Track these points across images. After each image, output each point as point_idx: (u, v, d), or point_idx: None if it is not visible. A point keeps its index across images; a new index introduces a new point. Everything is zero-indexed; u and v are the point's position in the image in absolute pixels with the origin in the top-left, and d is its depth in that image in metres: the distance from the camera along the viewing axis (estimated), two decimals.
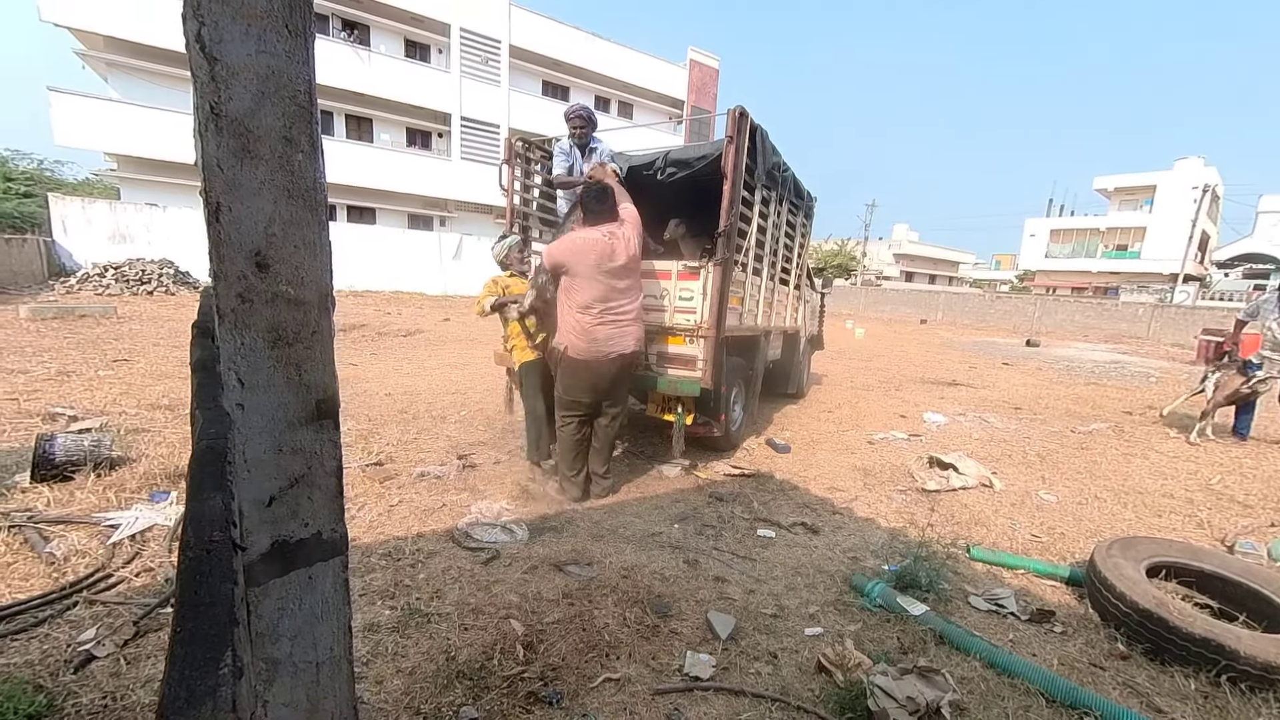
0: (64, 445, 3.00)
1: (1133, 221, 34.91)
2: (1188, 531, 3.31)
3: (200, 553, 0.42)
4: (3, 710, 1.46)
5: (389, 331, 10.07)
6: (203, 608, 0.39)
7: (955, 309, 25.94)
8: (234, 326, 0.63)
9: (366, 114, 19.81)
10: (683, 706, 1.74)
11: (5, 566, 2.20)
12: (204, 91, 0.58)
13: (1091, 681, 1.96)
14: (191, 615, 0.38)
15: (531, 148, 4.72)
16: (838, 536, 3.05)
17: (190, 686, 0.33)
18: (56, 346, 6.57)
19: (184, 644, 0.36)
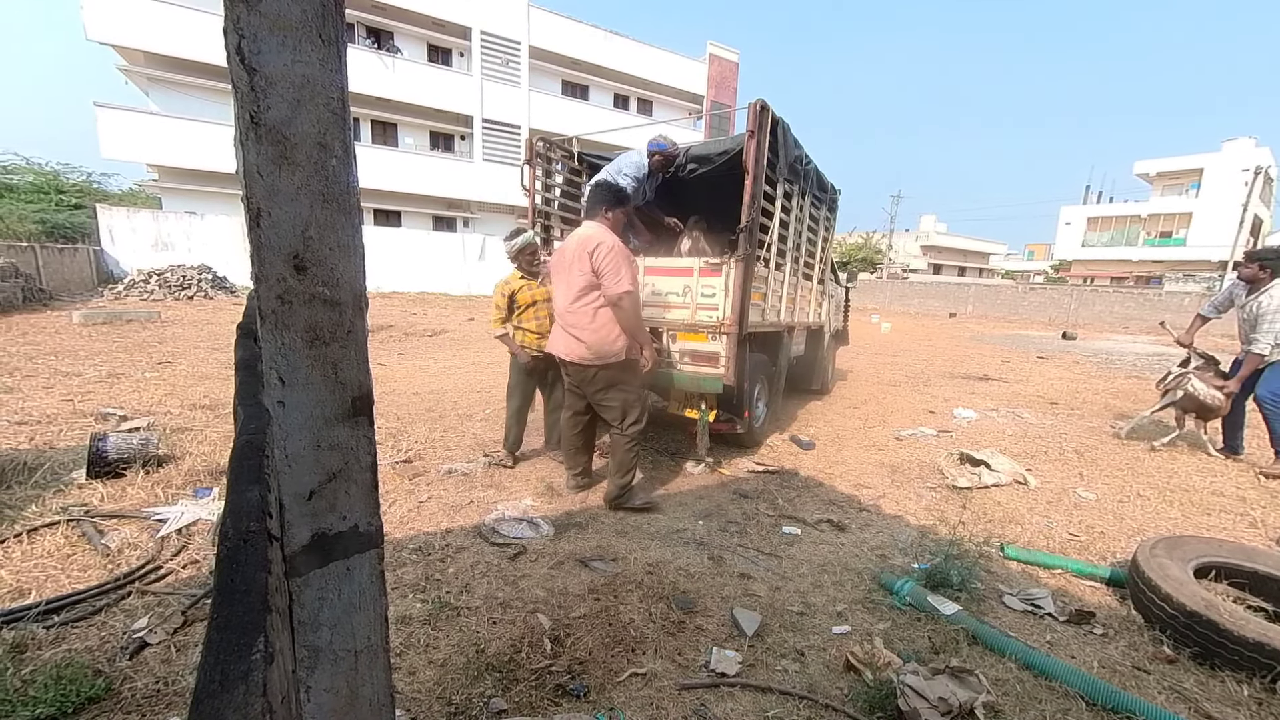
0: (115, 444, 3.15)
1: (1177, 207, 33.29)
2: (1239, 531, 3.16)
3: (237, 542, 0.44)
4: (66, 692, 1.55)
5: (415, 332, 10.29)
6: (238, 595, 0.41)
7: (986, 301, 25.18)
8: (274, 327, 0.66)
9: (391, 119, 20.25)
10: (709, 702, 1.74)
11: (65, 558, 2.33)
12: (244, 101, 0.61)
13: (1135, 685, 1.89)
14: (227, 602, 0.40)
15: (552, 147, 4.75)
16: (865, 534, 3.00)
17: (224, 670, 0.35)
18: (106, 350, 6.91)
19: (219, 629, 0.38)
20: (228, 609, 0.38)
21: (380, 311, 12.96)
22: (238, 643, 0.35)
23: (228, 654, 0.34)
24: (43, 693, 1.54)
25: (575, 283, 2.95)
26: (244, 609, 0.38)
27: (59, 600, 2.01)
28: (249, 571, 0.41)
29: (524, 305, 3.71)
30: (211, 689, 0.32)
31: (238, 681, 0.33)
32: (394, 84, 19.12)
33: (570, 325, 3.03)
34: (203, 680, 0.33)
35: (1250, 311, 4.06)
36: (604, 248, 2.87)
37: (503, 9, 20.52)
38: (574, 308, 2.98)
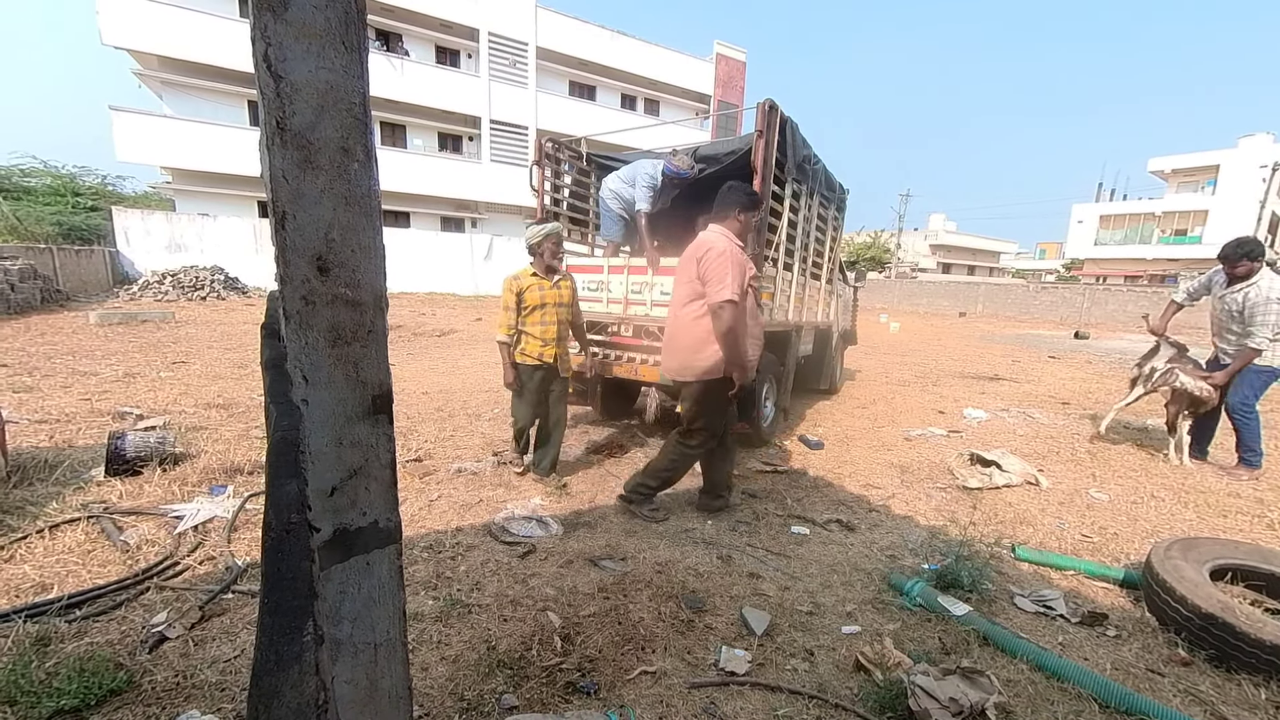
0: (133, 442, 3.21)
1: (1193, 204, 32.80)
2: (1257, 533, 3.11)
3: (281, 533, 0.46)
4: (89, 684, 1.59)
5: (424, 332, 10.37)
6: (285, 582, 0.42)
7: (996, 301, 24.94)
8: (298, 327, 0.67)
9: (400, 121, 20.40)
10: (718, 700, 1.75)
11: (86, 554, 2.38)
12: (270, 107, 0.62)
13: (1149, 688, 1.87)
14: (276, 589, 0.41)
15: (561, 148, 4.78)
16: (874, 534, 2.99)
17: (278, 652, 0.37)
18: (122, 350, 7.02)
19: (271, 614, 0.39)
20: (276, 595, 0.39)
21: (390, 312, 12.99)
22: (289, 626, 0.36)
23: (280, 636, 0.36)
24: (66, 684, 1.58)
25: (681, 291, 2.80)
26: (291, 594, 0.39)
27: (81, 595, 2.06)
28: (293, 560, 0.42)
29: (531, 306, 3.28)
30: (268, 667, 0.34)
31: (291, 662, 0.34)
32: (403, 86, 19.27)
33: (668, 335, 2.89)
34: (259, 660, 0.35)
35: (1233, 304, 3.77)
36: (714, 252, 2.62)
37: (510, 10, 20.60)
38: (678, 315, 2.82)
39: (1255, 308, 3.65)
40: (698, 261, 2.67)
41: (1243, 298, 3.70)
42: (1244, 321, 3.73)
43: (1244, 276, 3.71)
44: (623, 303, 4.11)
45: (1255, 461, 3.91)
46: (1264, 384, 3.81)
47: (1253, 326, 3.69)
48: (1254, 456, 3.89)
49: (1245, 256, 3.66)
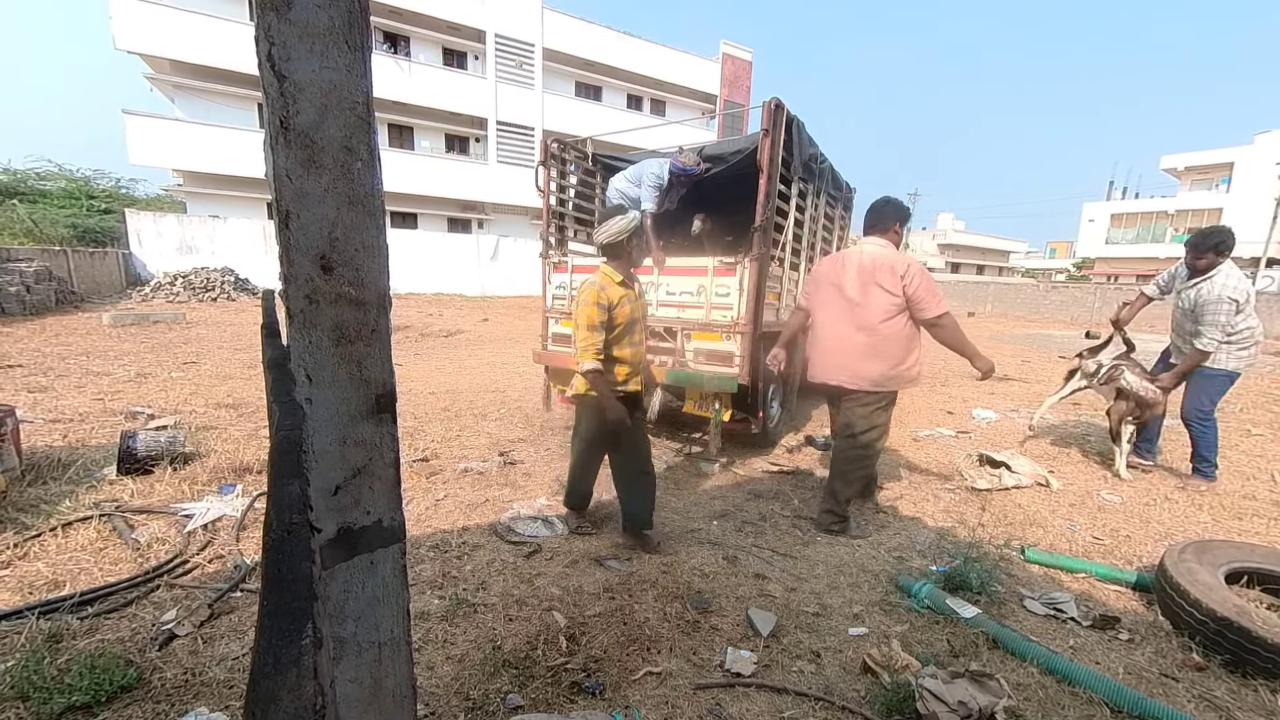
0: (144, 441, 3.25)
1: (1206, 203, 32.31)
2: (1273, 536, 3.06)
3: (281, 534, 0.46)
4: (100, 681, 1.61)
5: (431, 332, 10.42)
6: (285, 584, 0.42)
7: (1006, 300, 24.71)
8: (302, 326, 0.68)
9: (408, 122, 20.51)
10: (724, 702, 1.74)
11: (98, 552, 2.40)
12: (274, 107, 0.62)
13: (1163, 693, 1.85)
14: (276, 591, 0.41)
15: (567, 149, 4.78)
16: (882, 535, 2.97)
17: (277, 654, 0.36)
18: (134, 351, 7.11)
19: (270, 616, 0.39)
20: (276, 597, 0.39)
21: (397, 312, 13.14)
22: (288, 628, 0.36)
23: (279, 639, 0.36)
24: (77, 681, 1.60)
25: (882, 303, 2.74)
26: (291, 596, 0.39)
27: (92, 592, 2.08)
28: (294, 561, 0.42)
29: (621, 323, 2.52)
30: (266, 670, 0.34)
31: (290, 665, 0.34)
32: (410, 88, 19.37)
33: (870, 348, 2.79)
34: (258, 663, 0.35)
35: (1189, 300, 3.41)
36: (914, 269, 2.73)
37: (517, 11, 20.66)
38: (883, 325, 2.76)
39: (1206, 305, 3.26)
40: (901, 277, 2.72)
41: (1195, 293, 3.33)
42: (1195, 319, 3.36)
43: (1204, 270, 3.31)
44: None
45: (1209, 473, 3.61)
46: (1220, 389, 3.46)
47: (1201, 325, 3.30)
48: (1208, 468, 3.60)
49: (1211, 249, 3.26)
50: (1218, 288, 3.22)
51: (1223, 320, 3.20)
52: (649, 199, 4.08)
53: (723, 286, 3.71)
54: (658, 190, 4.07)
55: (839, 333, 2.88)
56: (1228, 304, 3.17)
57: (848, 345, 2.85)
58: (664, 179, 4.06)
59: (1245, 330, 3.26)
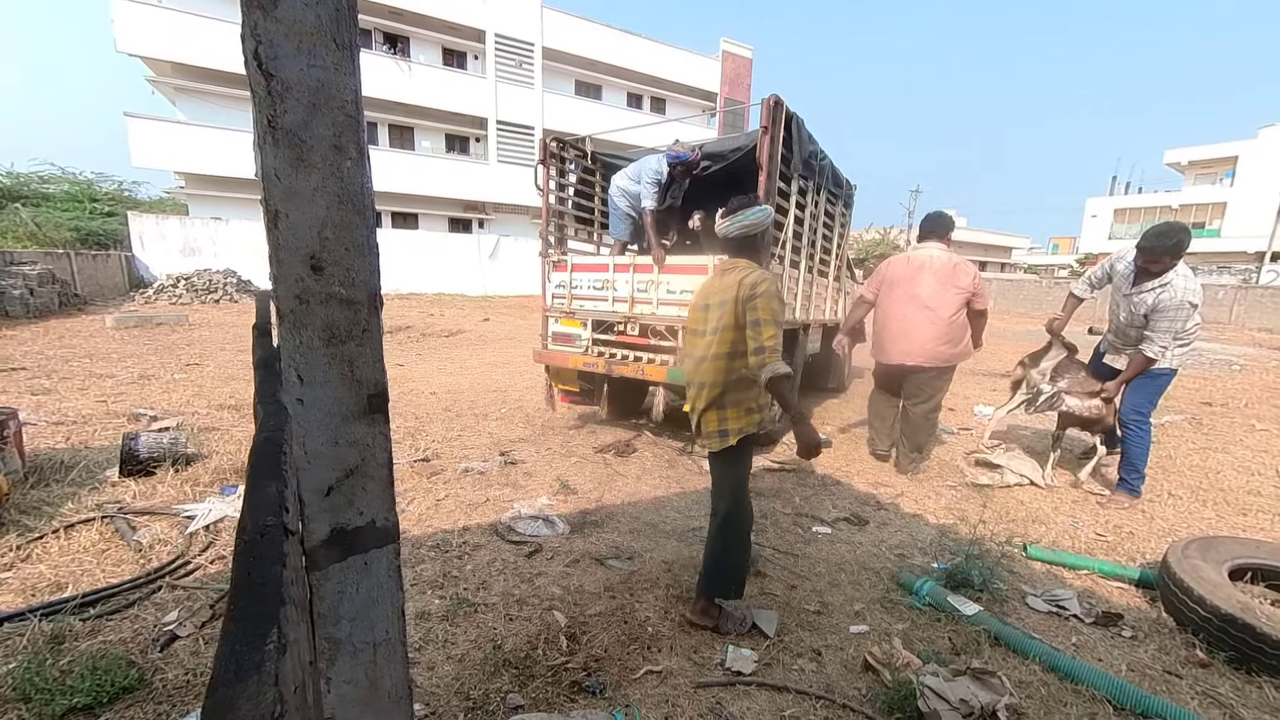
0: (146, 443, 3.26)
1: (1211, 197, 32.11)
2: (1278, 532, 3.04)
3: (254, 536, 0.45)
4: (101, 682, 1.61)
5: (432, 332, 10.43)
6: (254, 588, 0.41)
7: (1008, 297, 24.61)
8: (293, 326, 0.67)
9: (408, 123, 20.52)
10: (725, 700, 1.73)
11: (100, 553, 2.41)
12: (261, 106, 0.62)
13: (1166, 690, 1.84)
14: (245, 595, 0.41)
15: (566, 147, 4.78)
16: (883, 533, 2.96)
17: (238, 661, 0.36)
18: (138, 352, 7.13)
19: (236, 621, 0.39)
20: (244, 601, 0.39)
21: (399, 313, 13.16)
22: (252, 634, 0.36)
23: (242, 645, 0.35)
24: (80, 682, 1.60)
25: (956, 298, 3.56)
26: (259, 601, 0.38)
27: (94, 594, 2.09)
28: (265, 565, 0.42)
29: None
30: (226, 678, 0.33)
31: (251, 672, 0.33)
32: (410, 88, 19.38)
33: (945, 334, 3.58)
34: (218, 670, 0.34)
35: (1141, 305, 3.14)
36: (974, 270, 3.65)
37: (516, 11, 20.64)
38: (955, 317, 3.58)
39: (1165, 312, 3.02)
40: (968, 275, 3.60)
41: (1154, 299, 3.05)
42: (1147, 325, 3.12)
43: (1158, 274, 3.06)
44: (629, 301, 4.10)
45: (1135, 487, 3.32)
46: (1160, 389, 3.27)
47: (1154, 331, 3.07)
48: (1136, 480, 3.32)
49: (1168, 251, 2.98)
50: (1179, 293, 2.98)
51: (1176, 328, 3.03)
52: (649, 196, 4.07)
53: None
54: (657, 186, 4.06)
55: (915, 323, 3.62)
56: (1188, 309, 2.98)
57: (924, 333, 3.60)
58: (663, 174, 4.05)
59: (1193, 328, 3.09)
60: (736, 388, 2.07)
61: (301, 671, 0.46)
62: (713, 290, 2.17)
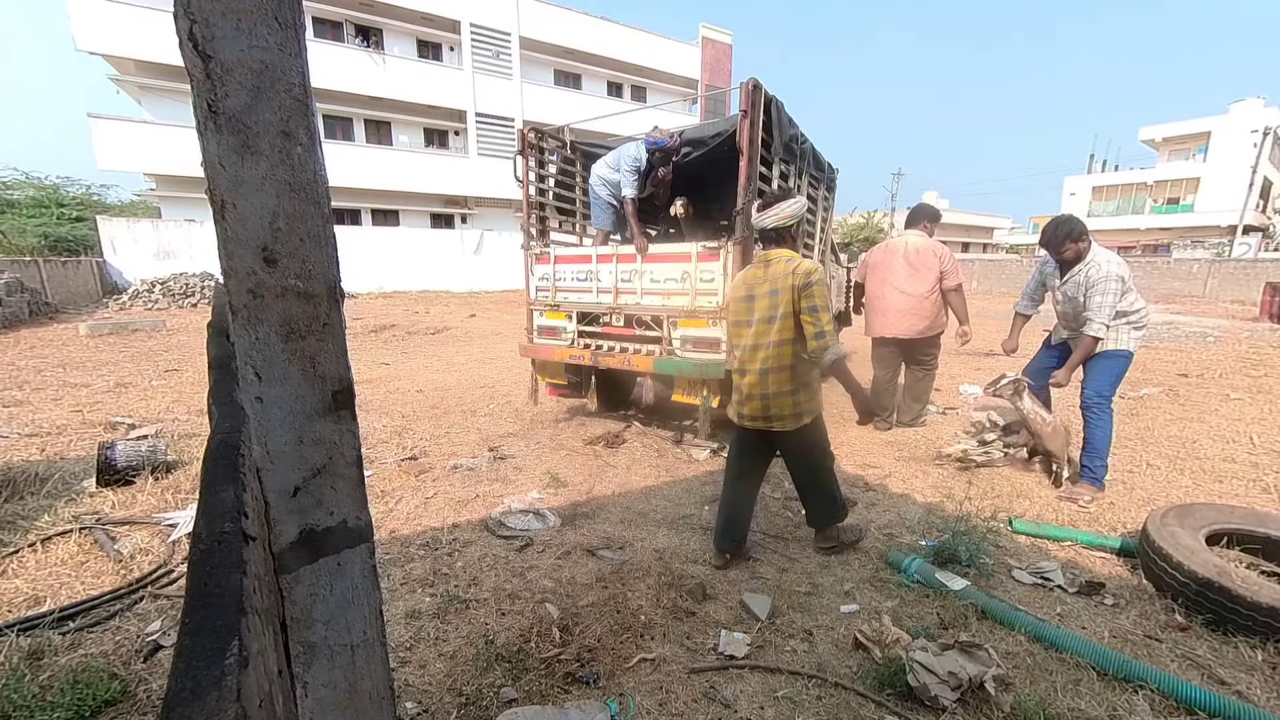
0: (124, 451, 3.18)
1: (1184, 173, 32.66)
2: (1252, 497, 3.12)
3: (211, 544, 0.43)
4: (83, 696, 1.58)
5: (418, 330, 10.30)
6: (211, 599, 0.39)
7: (991, 277, 24.92)
8: (247, 322, 0.64)
9: (385, 117, 20.12)
10: (719, 684, 1.74)
11: (79, 565, 2.36)
12: (200, 90, 0.59)
13: (1147, 654, 1.88)
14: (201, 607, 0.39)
15: (544, 137, 4.71)
16: (871, 513, 2.99)
17: (196, 677, 0.34)
18: (113, 360, 6.96)
19: (192, 635, 0.36)
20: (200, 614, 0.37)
21: (383, 311, 12.99)
22: (211, 648, 0.34)
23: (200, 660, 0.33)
24: (60, 697, 1.57)
25: (927, 279, 4.17)
26: (217, 613, 0.36)
27: (74, 607, 2.04)
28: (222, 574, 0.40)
29: None
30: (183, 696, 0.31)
31: (210, 688, 0.32)
32: (385, 82, 18.97)
33: (917, 310, 4.22)
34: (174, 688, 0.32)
35: (1074, 289, 3.17)
36: (947, 251, 4.24)
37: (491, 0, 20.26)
38: (928, 295, 4.19)
39: (1095, 286, 3.05)
40: (939, 259, 4.18)
41: (1084, 278, 3.10)
42: (1084, 306, 3.13)
43: (1074, 260, 3.13)
44: (613, 292, 4.07)
45: (1099, 477, 3.20)
46: (1120, 371, 3.18)
47: (1090, 311, 3.06)
48: (1100, 468, 3.20)
49: (1067, 238, 3.10)
50: (1103, 267, 3.03)
51: (1110, 301, 3.01)
52: (629, 184, 4.03)
53: (707, 272, 3.68)
54: (636, 174, 4.02)
55: (892, 301, 4.28)
56: (1115, 282, 3.00)
57: (900, 309, 4.25)
58: (642, 161, 4.01)
59: (1141, 309, 3.11)
60: (802, 370, 2.30)
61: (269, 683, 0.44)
62: (756, 280, 2.34)
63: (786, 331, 2.25)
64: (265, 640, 0.47)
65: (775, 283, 2.26)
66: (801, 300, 2.19)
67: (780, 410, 2.32)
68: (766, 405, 2.34)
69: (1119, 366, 3.17)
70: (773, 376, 2.30)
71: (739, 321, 2.41)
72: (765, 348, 2.29)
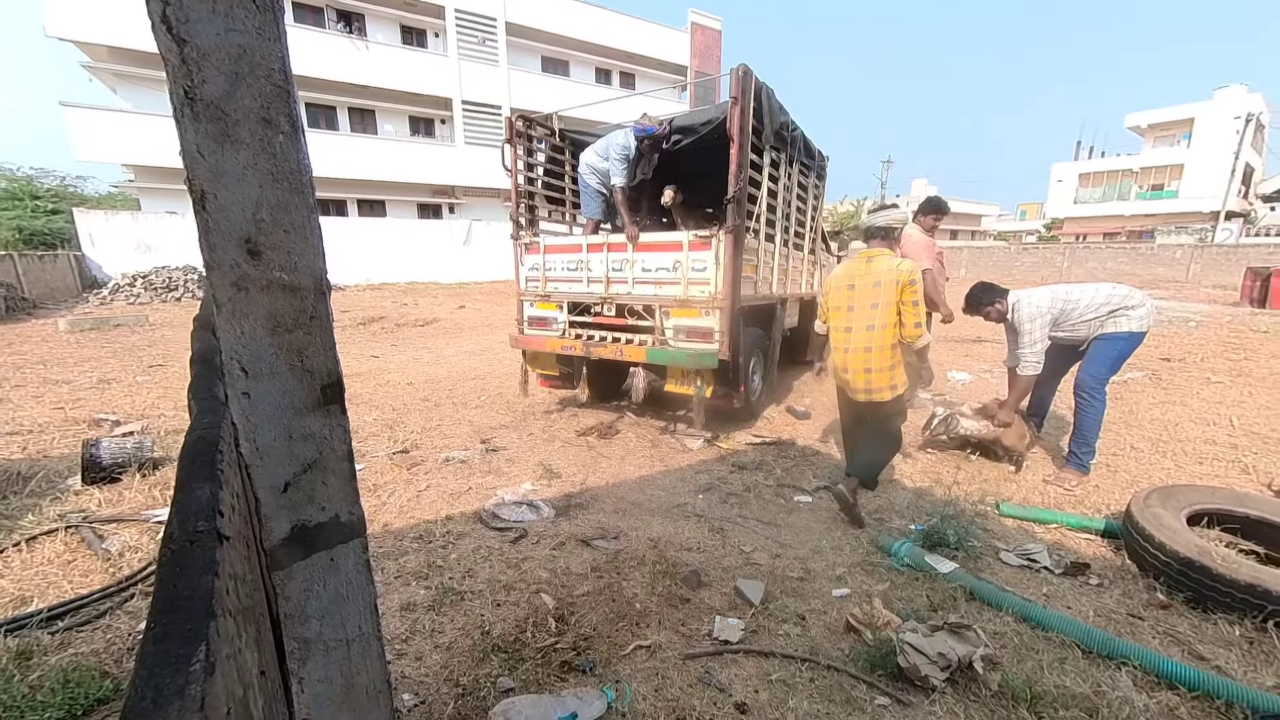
0: (109, 448, 3.13)
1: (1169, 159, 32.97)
2: (1232, 478, 3.20)
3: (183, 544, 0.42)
4: (74, 695, 1.56)
5: (407, 322, 10.21)
6: (180, 602, 0.38)
7: (979, 264, 25.10)
8: (232, 316, 0.63)
9: (369, 105, 19.74)
10: (713, 669, 1.77)
11: (66, 564, 2.33)
12: (176, 76, 0.57)
13: (1130, 632, 1.93)
14: (168, 610, 0.37)
15: (533, 125, 4.64)
16: (862, 498, 3.02)
17: (158, 685, 0.32)
18: (96, 356, 6.83)
19: (156, 641, 0.35)
20: (167, 618, 0.35)
21: (371, 304, 12.84)
22: (175, 654, 0.33)
23: (162, 667, 0.32)
24: (50, 697, 1.55)
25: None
26: (185, 616, 0.35)
27: (62, 606, 2.02)
28: (193, 575, 0.39)
29: None
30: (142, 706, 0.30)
31: (172, 697, 0.30)
32: (369, 69, 18.57)
33: None
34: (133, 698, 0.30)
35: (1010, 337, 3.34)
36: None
37: None
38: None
39: (1017, 333, 3.22)
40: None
41: (1013, 327, 3.26)
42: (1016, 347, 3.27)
43: (1000, 318, 3.31)
44: (604, 281, 4.05)
45: (1085, 462, 3.22)
46: (1123, 354, 3.16)
47: (1018, 352, 3.21)
48: (1086, 454, 3.23)
49: (981, 304, 3.33)
50: (1020, 313, 3.19)
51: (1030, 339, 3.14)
52: (618, 172, 4.00)
53: (699, 261, 3.67)
54: (625, 162, 3.98)
55: None
56: (1030, 323, 3.14)
57: None
58: (630, 149, 3.98)
59: (1122, 296, 3.10)
60: (898, 350, 2.78)
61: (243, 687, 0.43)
62: (858, 273, 2.80)
63: (890, 317, 2.70)
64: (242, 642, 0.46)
65: (879, 276, 2.71)
66: (905, 295, 2.67)
67: (880, 384, 2.78)
68: (869, 380, 2.79)
69: (1115, 350, 3.14)
70: (875, 355, 2.75)
71: (838, 307, 2.87)
72: (868, 330, 2.75)
